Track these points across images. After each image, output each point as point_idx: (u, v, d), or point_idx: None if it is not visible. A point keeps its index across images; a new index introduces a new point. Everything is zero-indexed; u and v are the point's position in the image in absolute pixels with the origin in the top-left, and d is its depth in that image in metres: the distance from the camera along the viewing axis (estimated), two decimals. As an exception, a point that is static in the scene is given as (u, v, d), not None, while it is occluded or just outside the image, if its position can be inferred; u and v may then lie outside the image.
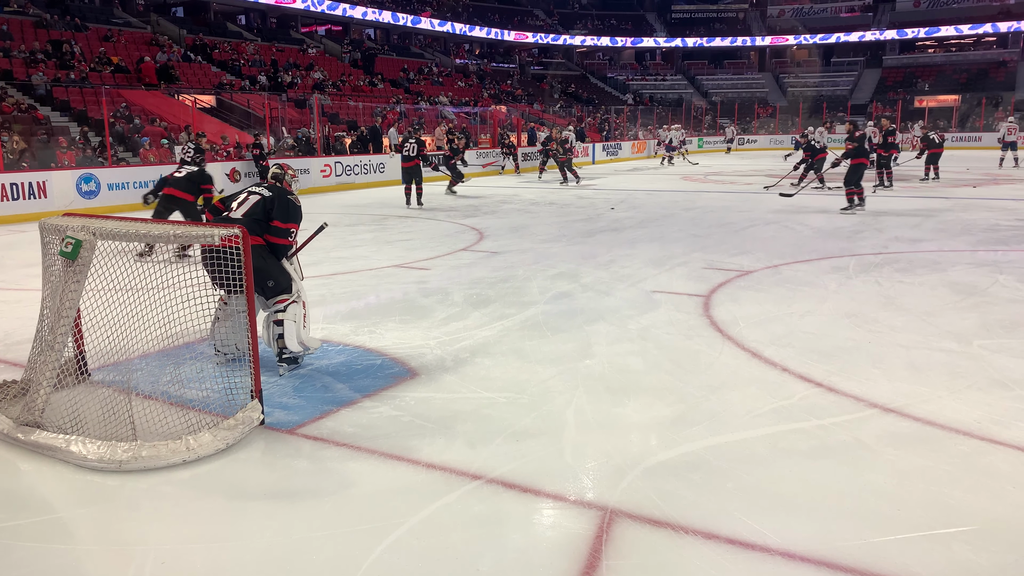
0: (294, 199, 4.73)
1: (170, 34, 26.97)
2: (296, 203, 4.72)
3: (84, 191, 13.20)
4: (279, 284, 4.52)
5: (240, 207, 4.60)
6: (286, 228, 4.57)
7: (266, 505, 3.05)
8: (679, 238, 9.82)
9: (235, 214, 4.57)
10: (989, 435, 3.56)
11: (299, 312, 4.56)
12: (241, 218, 4.49)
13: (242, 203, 4.63)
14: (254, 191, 4.69)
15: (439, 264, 8.23)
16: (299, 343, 4.57)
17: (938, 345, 4.98)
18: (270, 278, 4.49)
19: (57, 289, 3.80)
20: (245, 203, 4.62)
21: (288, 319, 4.51)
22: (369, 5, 37.72)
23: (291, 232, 4.60)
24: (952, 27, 45.89)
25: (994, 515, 2.87)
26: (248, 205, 4.59)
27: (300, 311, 4.57)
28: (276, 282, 4.51)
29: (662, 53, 54.42)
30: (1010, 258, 8.03)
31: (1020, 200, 13.48)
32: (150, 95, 20.71)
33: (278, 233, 4.55)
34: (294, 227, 4.62)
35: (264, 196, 4.62)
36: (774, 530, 2.76)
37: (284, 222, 4.55)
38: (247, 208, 4.57)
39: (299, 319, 4.56)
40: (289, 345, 4.53)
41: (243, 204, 4.62)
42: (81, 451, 3.36)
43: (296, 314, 4.55)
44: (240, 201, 4.67)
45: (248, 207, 4.57)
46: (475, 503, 3.01)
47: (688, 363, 4.71)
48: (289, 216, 4.60)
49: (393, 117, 25.39)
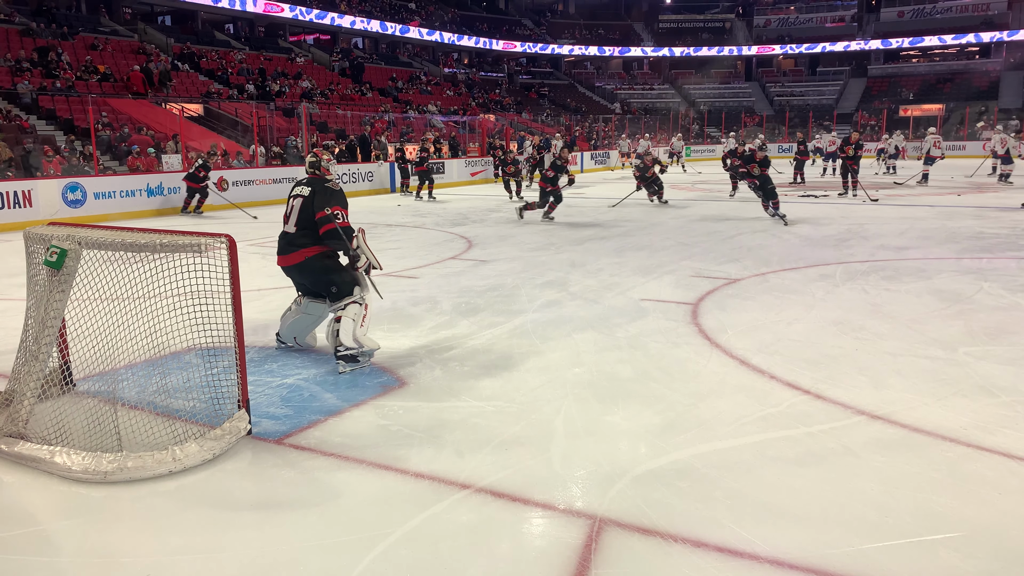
0: (332, 183, 4.79)
1: (157, 43, 26.90)
2: (334, 187, 4.78)
3: (70, 200, 13.11)
4: (342, 290, 4.67)
5: (291, 218, 4.73)
6: (328, 213, 4.60)
7: (253, 516, 3.03)
8: (667, 246, 9.86)
9: (289, 227, 4.74)
10: (975, 442, 3.58)
11: (359, 312, 4.66)
12: (295, 231, 4.68)
13: (291, 213, 4.75)
14: (296, 193, 4.79)
15: (428, 273, 8.23)
16: (354, 339, 4.63)
17: (924, 352, 5.01)
18: (332, 284, 4.67)
19: (42, 299, 3.77)
20: (293, 212, 4.73)
21: (347, 316, 4.61)
22: (357, 14, 37.77)
23: (335, 215, 4.61)
24: (936, 37, 46.41)
25: (980, 522, 2.88)
26: (296, 213, 4.71)
27: (360, 311, 4.67)
28: (339, 288, 4.68)
29: (649, 62, 54.72)
30: (995, 266, 8.10)
31: (1004, 208, 13.62)
32: (137, 104, 20.63)
33: (322, 222, 4.59)
34: (338, 209, 4.63)
35: (304, 196, 4.72)
36: (762, 538, 2.77)
37: (322, 209, 4.60)
38: (296, 217, 4.71)
39: (357, 318, 4.65)
40: (343, 339, 4.60)
41: (292, 214, 4.73)
42: (66, 462, 3.32)
43: (355, 313, 4.64)
44: (288, 211, 4.78)
45: (296, 215, 4.70)
46: (464, 512, 3.00)
47: (676, 371, 4.72)
48: (325, 202, 4.62)
49: (382, 126, 25.38)
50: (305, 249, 4.69)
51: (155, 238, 3.64)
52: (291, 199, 4.81)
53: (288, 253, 4.75)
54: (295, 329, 5.09)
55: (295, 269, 4.80)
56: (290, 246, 4.74)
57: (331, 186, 4.77)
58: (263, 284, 7.54)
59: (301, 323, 5.07)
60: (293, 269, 4.82)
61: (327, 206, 4.62)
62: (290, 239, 4.75)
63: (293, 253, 4.72)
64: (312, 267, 4.71)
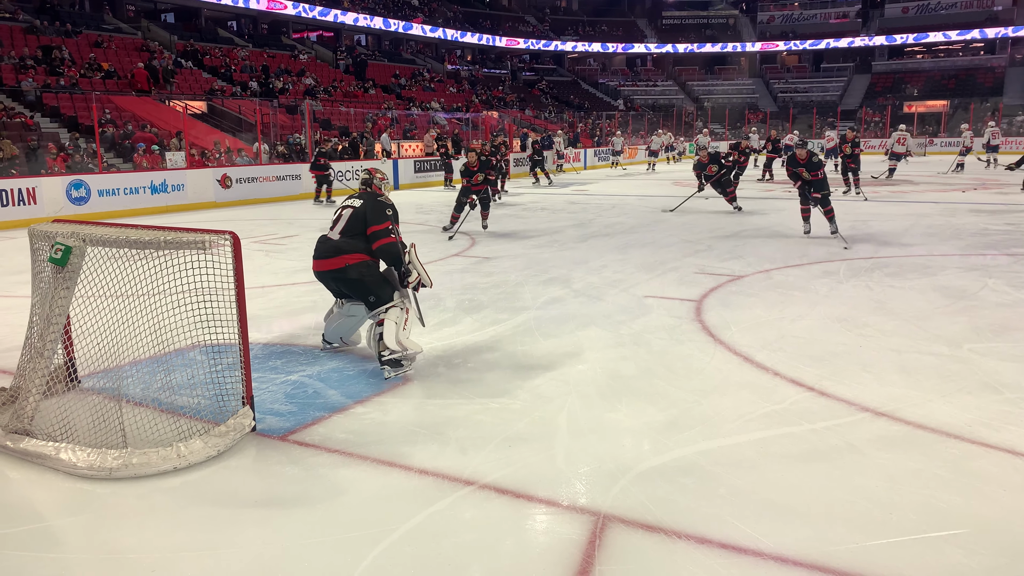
0: (384, 199, 4.83)
1: (161, 40, 26.91)
2: (387, 202, 4.81)
3: (74, 197, 13.13)
4: (380, 299, 4.62)
5: (337, 224, 4.76)
6: (383, 228, 4.64)
7: (257, 512, 3.03)
8: (671, 243, 9.85)
9: (333, 234, 4.74)
10: (979, 438, 3.57)
11: (400, 315, 4.61)
12: (339, 238, 4.69)
13: (338, 220, 4.78)
14: (347, 204, 4.83)
15: (431, 270, 8.19)
16: (397, 343, 4.56)
17: (928, 349, 5.00)
18: (371, 293, 4.65)
19: (47, 296, 3.78)
20: (340, 220, 4.76)
21: (389, 319, 4.56)
22: (361, 11, 37.75)
23: (389, 230, 4.65)
24: (940, 33, 46.26)
25: (985, 518, 2.88)
26: (343, 221, 4.73)
27: (402, 315, 4.61)
28: (377, 297, 4.62)
29: (653, 59, 54.63)
30: (999, 262, 8.08)
31: (1007, 205, 13.58)
32: (141, 101, 20.64)
33: (377, 236, 4.63)
34: (389, 224, 4.68)
35: (355, 207, 4.75)
36: (766, 534, 2.76)
37: (378, 223, 4.64)
38: (343, 225, 4.72)
39: (400, 322, 4.60)
40: (387, 342, 4.52)
41: (339, 221, 4.76)
42: (71, 459, 3.34)
43: (397, 317, 4.59)
44: (336, 219, 4.81)
45: (343, 223, 4.72)
46: (467, 509, 3.00)
47: (680, 368, 4.72)
48: (380, 217, 4.67)
49: (385, 123, 25.37)
50: (347, 255, 4.65)
51: (159, 235, 3.65)
52: (341, 209, 4.84)
53: (327, 257, 4.70)
54: (341, 330, 5.12)
55: (331, 275, 4.74)
56: (332, 251, 4.69)
57: (384, 200, 4.80)
58: (267, 281, 7.55)
59: (346, 325, 5.09)
60: (328, 275, 4.75)
61: (380, 221, 4.65)
62: (333, 244, 4.70)
63: (334, 258, 4.67)
64: (351, 275, 4.66)
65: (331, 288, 4.94)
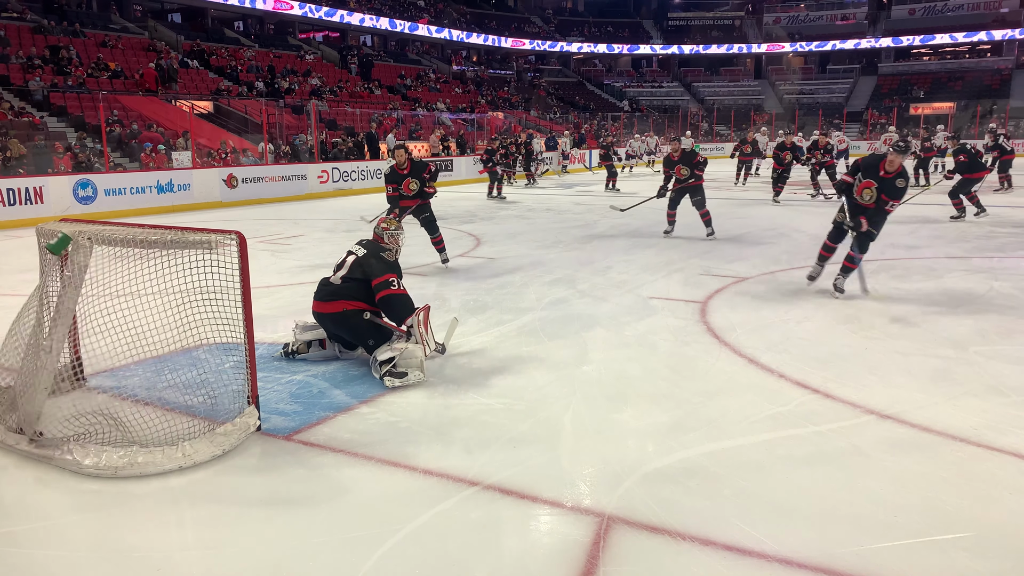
0: (388, 254, 4.80)
1: (167, 40, 27.00)
2: (389, 258, 4.79)
3: (81, 197, 13.18)
4: (378, 342, 4.59)
5: (340, 270, 4.77)
6: (384, 280, 4.61)
7: (262, 512, 3.04)
8: (676, 244, 9.84)
9: (335, 279, 4.75)
10: (986, 441, 3.56)
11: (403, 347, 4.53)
12: (339, 284, 4.69)
13: (341, 265, 4.80)
14: (352, 251, 4.85)
15: (436, 270, 8.23)
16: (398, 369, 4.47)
17: (934, 352, 4.99)
18: (369, 338, 4.64)
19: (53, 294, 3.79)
20: (344, 266, 4.77)
21: (392, 351, 4.49)
22: (367, 12, 37.81)
23: (391, 282, 4.62)
24: (947, 35, 46.11)
25: (991, 521, 2.87)
26: (346, 268, 4.75)
27: (403, 347, 4.52)
28: (376, 341, 4.60)
29: (659, 60, 54.59)
30: (1005, 265, 8.05)
31: (1014, 207, 13.53)
32: (147, 101, 20.70)
33: (381, 287, 4.60)
34: (391, 276, 4.65)
35: (359, 256, 4.77)
36: (771, 536, 2.76)
37: (378, 276, 4.63)
38: (345, 271, 4.73)
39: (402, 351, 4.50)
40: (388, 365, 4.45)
41: (342, 267, 4.77)
42: (76, 457, 3.35)
43: (398, 348, 4.51)
44: (340, 263, 4.83)
45: (346, 270, 4.74)
46: (472, 509, 3.01)
47: (685, 369, 4.71)
48: (383, 269, 4.66)
49: (390, 123, 25.40)
50: (345, 302, 4.65)
51: (165, 234, 3.66)
52: (347, 254, 4.86)
53: (327, 301, 4.72)
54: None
55: (330, 318, 4.74)
56: (331, 296, 4.71)
57: (386, 256, 4.79)
58: (272, 281, 7.56)
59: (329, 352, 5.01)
60: (327, 318, 4.75)
61: (379, 273, 4.63)
62: (332, 289, 4.73)
63: (332, 302, 4.69)
64: (348, 321, 4.67)
65: (328, 329, 4.88)
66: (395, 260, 4.84)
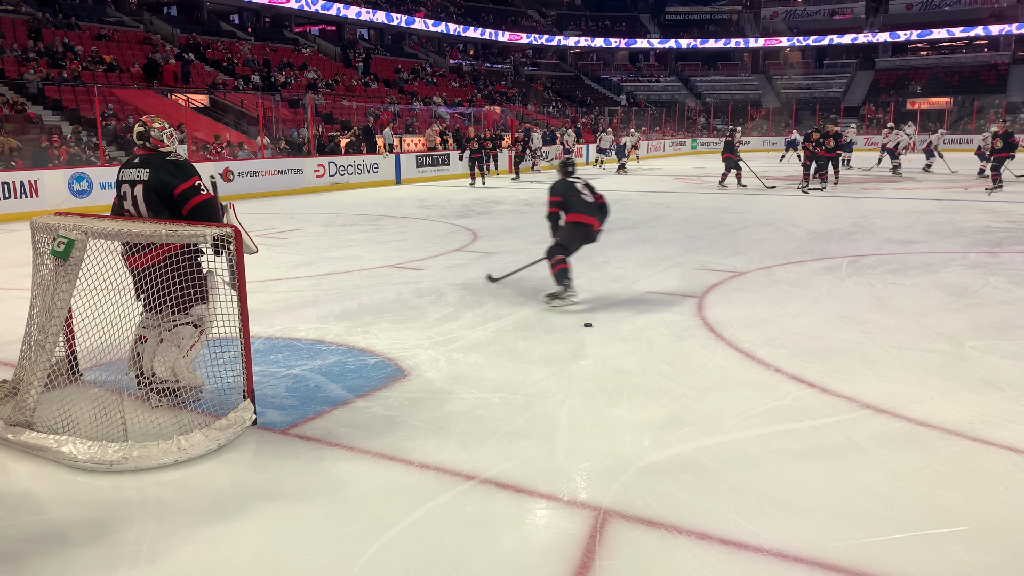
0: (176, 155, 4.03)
1: (163, 33, 26.89)
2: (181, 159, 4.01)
3: (76, 190, 13.13)
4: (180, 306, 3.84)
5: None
6: (191, 185, 3.87)
7: (258, 506, 3.03)
8: (673, 239, 9.83)
9: None
10: (981, 436, 3.57)
11: (190, 337, 3.92)
12: None
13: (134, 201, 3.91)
14: (131, 179, 3.94)
15: (433, 264, 8.22)
16: (172, 371, 3.90)
17: (930, 346, 5.00)
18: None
19: (48, 288, 3.78)
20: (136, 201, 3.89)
21: (170, 341, 3.89)
22: (363, 5, 37.68)
23: (198, 186, 3.90)
24: (944, 30, 46.10)
25: (986, 516, 2.88)
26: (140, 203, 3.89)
27: (193, 336, 3.92)
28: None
29: (656, 54, 54.51)
30: (1001, 260, 8.06)
31: (1010, 202, 13.55)
32: (143, 94, 20.63)
33: (187, 196, 3.85)
34: (197, 180, 3.93)
35: (146, 180, 3.89)
36: (767, 530, 2.76)
37: (183, 182, 3.86)
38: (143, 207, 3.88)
39: (185, 345, 3.90)
40: (159, 369, 3.89)
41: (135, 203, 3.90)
42: (72, 451, 3.34)
43: (184, 337, 3.90)
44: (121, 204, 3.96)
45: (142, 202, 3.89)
46: (468, 504, 3.01)
47: (681, 364, 4.71)
48: (183, 175, 3.90)
49: (387, 117, 25.35)
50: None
51: (160, 228, 3.64)
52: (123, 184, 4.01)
53: None
54: None
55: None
56: None
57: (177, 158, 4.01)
58: (268, 275, 7.55)
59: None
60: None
61: (186, 178, 3.90)
62: None
63: None
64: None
65: None
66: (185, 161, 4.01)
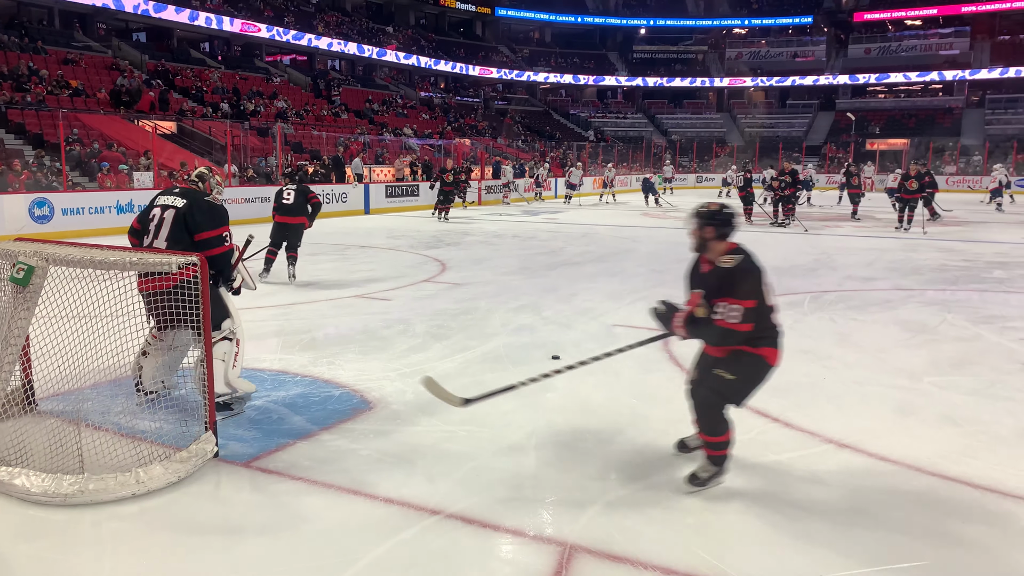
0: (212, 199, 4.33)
1: (131, 59, 26.71)
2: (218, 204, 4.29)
3: (37, 216, 12.90)
4: None
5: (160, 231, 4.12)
6: (217, 235, 4.13)
7: (218, 540, 2.97)
8: (639, 273, 9.93)
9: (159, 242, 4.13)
10: (940, 471, 3.63)
11: (230, 350, 4.17)
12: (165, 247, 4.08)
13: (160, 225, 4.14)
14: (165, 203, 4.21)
15: (401, 295, 8.20)
16: (225, 384, 4.17)
17: (890, 382, 5.09)
18: None
19: (5, 316, 3.69)
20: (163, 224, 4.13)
21: (216, 358, 4.02)
22: (335, 36, 37.87)
23: (224, 237, 4.17)
24: (901, 74, 47.66)
25: (946, 552, 2.91)
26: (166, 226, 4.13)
27: (232, 348, 4.17)
28: None
29: (623, 92, 55.44)
30: (958, 297, 8.27)
31: (965, 241, 13.94)
32: (109, 120, 20.42)
33: (210, 244, 4.12)
34: (224, 231, 4.17)
35: (178, 207, 4.15)
36: (733, 565, 2.77)
37: (212, 229, 4.12)
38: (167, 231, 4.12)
39: (228, 358, 4.15)
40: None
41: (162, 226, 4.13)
42: (25, 484, 3.24)
43: (226, 352, 4.15)
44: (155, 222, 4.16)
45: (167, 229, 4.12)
46: (433, 539, 2.97)
47: (648, 397, 4.74)
48: (216, 221, 4.17)
49: (357, 147, 25.38)
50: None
51: (124, 256, 3.59)
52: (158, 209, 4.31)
53: None
54: (165, 369, 4.26)
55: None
56: None
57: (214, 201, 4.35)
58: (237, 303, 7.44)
59: (171, 360, 4.28)
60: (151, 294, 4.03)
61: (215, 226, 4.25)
62: None
63: None
64: None
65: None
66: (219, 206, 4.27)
